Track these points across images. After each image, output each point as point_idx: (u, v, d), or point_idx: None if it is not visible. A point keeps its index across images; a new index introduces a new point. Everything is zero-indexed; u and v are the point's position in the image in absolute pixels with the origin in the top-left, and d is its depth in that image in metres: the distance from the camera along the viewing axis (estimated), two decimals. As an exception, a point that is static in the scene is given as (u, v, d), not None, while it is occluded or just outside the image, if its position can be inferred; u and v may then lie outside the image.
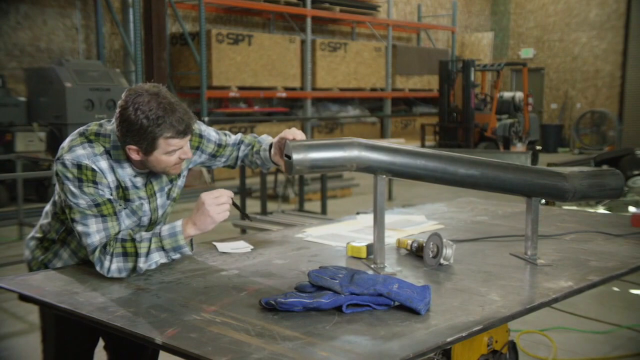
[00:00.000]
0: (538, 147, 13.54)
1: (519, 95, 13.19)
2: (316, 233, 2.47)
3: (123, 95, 1.85)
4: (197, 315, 1.54)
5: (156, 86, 1.88)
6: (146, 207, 2.02)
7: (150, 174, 2.01)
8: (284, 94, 12.72)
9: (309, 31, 13.05)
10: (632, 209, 5.56)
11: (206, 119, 10.88)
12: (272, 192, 8.14)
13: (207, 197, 1.88)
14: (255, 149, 2.31)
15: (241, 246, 2.23)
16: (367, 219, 2.65)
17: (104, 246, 1.85)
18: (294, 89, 13.00)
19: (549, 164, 6.90)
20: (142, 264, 1.85)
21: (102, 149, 1.90)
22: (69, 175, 1.85)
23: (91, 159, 1.87)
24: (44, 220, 2.08)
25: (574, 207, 4.83)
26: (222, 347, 1.35)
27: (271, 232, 2.64)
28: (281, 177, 8.32)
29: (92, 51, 10.93)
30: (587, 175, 2.12)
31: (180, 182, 2.15)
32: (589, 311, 4.13)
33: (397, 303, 1.57)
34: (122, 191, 1.95)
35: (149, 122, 1.80)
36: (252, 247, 2.23)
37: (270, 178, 7.92)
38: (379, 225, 1.92)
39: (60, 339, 2.01)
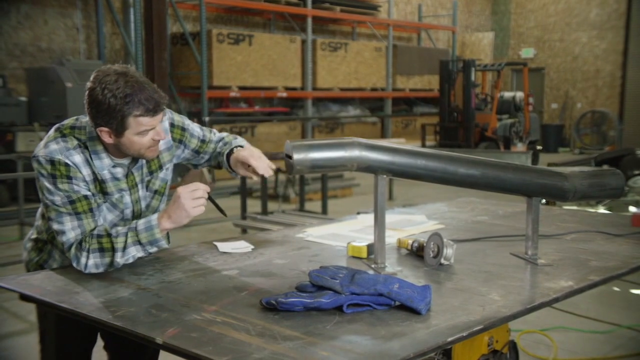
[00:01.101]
0: (538, 147, 13.53)
1: (519, 95, 13.19)
2: (317, 233, 2.47)
3: (91, 77, 1.85)
4: (197, 315, 1.54)
5: (124, 66, 1.87)
6: (127, 198, 2.00)
7: (130, 164, 1.99)
8: (284, 94, 12.72)
9: (310, 31, 13.05)
10: (632, 208, 5.56)
11: (207, 118, 10.89)
12: (272, 192, 8.14)
13: (183, 190, 1.87)
14: (222, 151, 2.24)
15: (242, 246, 2.23)
16: (368, 219, 2.65)
17: (80, 243, 1.86)
18: (294, 88, 13.00)
19: (549, 164, 6.90)
20: (119, 259, 1.86)
21: (75, 142, 1.89)
22: (44, 172, 1.85)
23: (64, 154, 1.86)
24: (37, 222, 2.07)
25: (575, 207, 4.83)
26: (223, 346, 1.35)
27: (272, 231, 2.64)
28: (282, 177, 8.33)
29: (93, 51, 10.93)
30: (587, 175, 2.12)
31: (163, 174, 2.10)
32: (590, 311, 4.13)
33: (397, 303, 1.57)
34: (100, 184, 1.93)
35: (117, 100, 1.78)
36: (252, 246, 2.23)
37: (270, 178, 7.92)
38: (379, 225, 1.92)
39: (60, 339, 2.01)
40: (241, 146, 2.20)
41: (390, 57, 14.91)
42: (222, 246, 2.22)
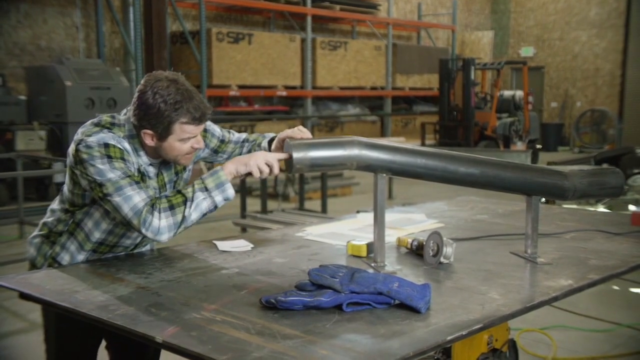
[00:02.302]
0: (538, 146, 13.54)
1: (519, 93, 13.20)
2: (316, 232, 2.47)
3: (142, 81, 1.90)
4: (197, 314, 1.54)
5: (175, 74, 1.92)
6: None
7: (161, 165, 2.04)
8: (284, 93, 12.72)
9: (309, 30, 13.05)
10: (632, 207, 5.56)
11: (206, 117, 10.88)
12: (272, 191, 8.14)
13: (263, 153, 1.95)
14: (258, 142, 2.32)
15: (241, 245, 2.23)
16: (368, 218, 2.65)
17: (150, 205, 1.85)
18: (294, 87, 13.00)
19: (549, 163, 6.90)
20: (190, 210, 1.87)
21: (121, 134, 1.93)
22: (96, 154, 1.85)
23: (116, 139, 1.90)
24: (49, 218, 2.08)
25: (574, 206, 4.83)
26: (223, 345, 1.35)
27: (271, 230, 2.64)
28: (281, 175, 8.33)
29: (92, 50, 10.93)
30: (587, 174, 2.12)
31: (186, 175, 2.18)
32: (589, 310, 4.13)
33: (397, 301, 1.57)
34: (142, 177, 1.97)
35: (167, 106, 1.84)
36: (252, 245, 2.23)
37: (270, 177, 7.92)
38: (379, 224, 1.92)
39: (62, 337, 2.01)
40: (274, 137, 2.25)
41: (389, 55, 14.91)
42: (222, 245, 2.22)
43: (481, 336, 1.94)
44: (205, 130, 2.22)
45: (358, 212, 3.37)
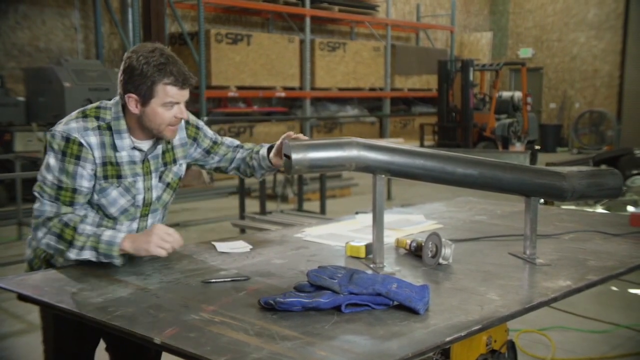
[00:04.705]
0: (537, 147, 13.54)
1: (517, 95, 13.20)
2: (315, 233, 2.47)
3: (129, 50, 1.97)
4: (196, 315, 1.54)
5: (160, 45, 1.98)
6: (140, 184, 2.04)
7: (149, 151, 2.05)
8: (283, 94, 12.72)
9: (308, 31, 13.05)
10: (630, 208, 5.56)
11: (205, 118, 10.87)
12: (271, 192, 8.14)
13: (160, 228, 1.93)
14: (255, 150, 2.34)
15: (240, 246, 2.23)
16: (366, 219, 2.65)
17: (48, 219, 1.92)
18: (292, 88, 13.00)
19: (547, 164, 6.90)
20: (72, 255, 1.91)
21: (95, 124, 1.96)
22: (55, 147, 1.93)
23: (81, 133, 1.93)
24: None
25: (573, 207, 4.83)
26: (221, 346, 1.35)
27: (270, 231, 2.64)
28: (280, 176, 8.33)
29: (91, 51, 10.92)
30: (585, 175, 2.12)
31: (176, 169, 2.16)
32: (588, 310, 4.13)
33: (396, 303, 1.57)
34: (114, 167, 1.98)
35: (150, 67, 1.89)
36: (251, 246, 2.23)
37: (269, 178, 7.92)
38: (377, 225, 1.92)
39: (60, 339, 2.01)
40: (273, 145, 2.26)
41: (388, 57, 14.91)
42: (221, 246, 2.22)
43: (480, 337, 1.94)
44: (197, 128, 2.23)
45: (357, 213, 3.37)
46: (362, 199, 9.05)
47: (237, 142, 2.38)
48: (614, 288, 4.71)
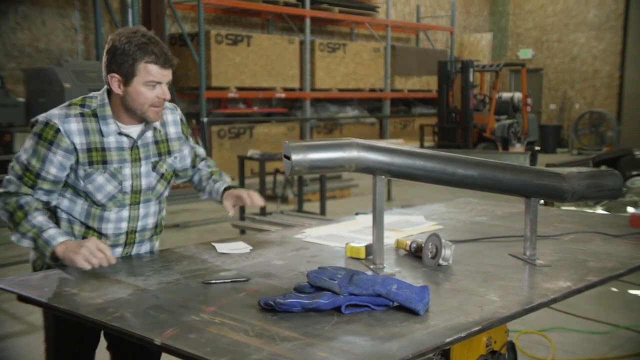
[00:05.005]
0: (537, 148, 13.54)
1: (517, 95, 13.20)
2: (315, 234, 2.47)
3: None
4: (196, 316, 1.54)
5: (143, 27, 2.03)
6: (127, 171, 2.05)
7: (138, 137, 2.06)
8: (283, 95, 12.71)
9: (308, 32, 13.04)
10: (630, 209, 5.57)
11: (205, 119, 10.87)
12: (271, 193, 8.14)
13: (94, 242, 1.94)
14: (214, 177, 2.36)
15: (240, 247, 2.23)
16: (366, 220, 2.65)
17: (9, 193, 1.98)
18: (293, 89, 12.99)
19: (547, 165, 6.90)
20: (14, 238, 1.97)
21: (78, 111, 2.00)
22: (35, 130, 1.98)
23: (61, 119, 1.97)
24: None
25: (573, 208, 4.83)
26: (221, 347, 1.35)
27: (270, 232, 2.64)
28: (280, 177, 8.33)
29: (91, 52, 10.92)
30: (585, 176, 2.12)
31: (171, 160, 2.18)
32: (588, 312, 4.13)
33: (396, 304, 1.57)
34: (99, 153, 2.00)
35: (132, 46, 1.93)
36: (251, 247, 2.23)
37: (269, 179, 7.92)
38: (378, 226, 1.92)
39: (60, 339, 2.01)
40: (234, 186, 2.32)
41: (388, 58, 14.91)
42: (221, 247, 2.22)
43: (480, 338, 1.94)
44: (188, 129, 2.27)
45: (357, 214, 3.37)
46: (362, 199, 9.05)
47: (204, 154, 2.41)
48: (614, 289, 4.71)
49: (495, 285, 1.81)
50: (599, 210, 5.38)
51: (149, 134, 2.10)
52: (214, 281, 1.82)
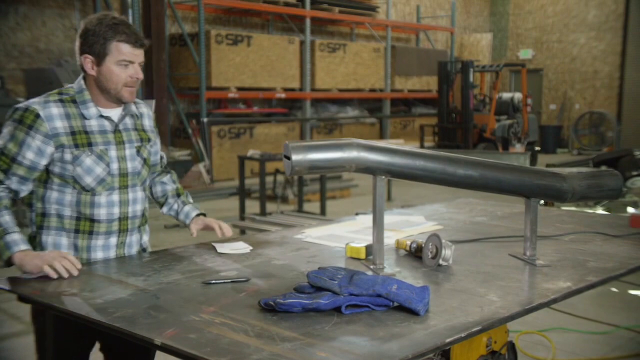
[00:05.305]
0: (537, 148, 13.54)
1: (517, 96, 13.21)
2: (315, 234, 2.47)
3: None
4: (196, 316, 1.54)
5: (112, 12, 2.08)
6: (113, 153, 2.07)
7: (118, 122, 2.08)
8: (283, 95, 12.72)
9: (308, 32, 13.05)
10: (630, 209, 5.57)
11: (205, 119, 10.88)
12: (271, 193, 8.14)
13: (57, 252, 1.93)
14: (182, 198, 2.38)
15: (240, 247, 2.23)
16: (366, 220, 2.65)
17: None
18: (293, 89, 13.00)
19: (547, 165, 6.91)
20: None
21: (57, 97, 2.03)
22: (15, 116, 1.99)
23: (41, 105, 1.99)
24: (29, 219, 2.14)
25: (573, 208, 4.84)
26: (221, 347, 1.35)
27: (270, 232, 2.64)
28: (280, 178, 8.32)
29: (91, 52, 10.91)
30: (585, 176, 2.12)
31: (150, 146, 2.21)
32: (588, 312, 4.13)
33: (396, 304, 1.57)
34: (84, 136, 2.02)
35: (102, 26, 1.99)
36: (251, 247, 2.23)
37: (269, 179, 7.92)
38: (378, 226, 1.92)
39: (58, 340, 2.01)
40: (204, 214, 2.36)
41: (388, 58, 14.92)
42: (221, 247, 2.22)
43: (480, 338, 1.94)
44: (158, 131, 2.28)
45: (357, 214, 3.37)
46: (362, 200, 9.05)
47: (165, 160, 2.41)
48: (614, 289, 4.71)
49: (496, 286, 1.81)
50: (599, 211, 5.38)
51: (129, 120, 2.14)
52: (214, 281, 1.82)
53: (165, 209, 2.38)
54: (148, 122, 2.23)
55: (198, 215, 2.34)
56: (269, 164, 7.23)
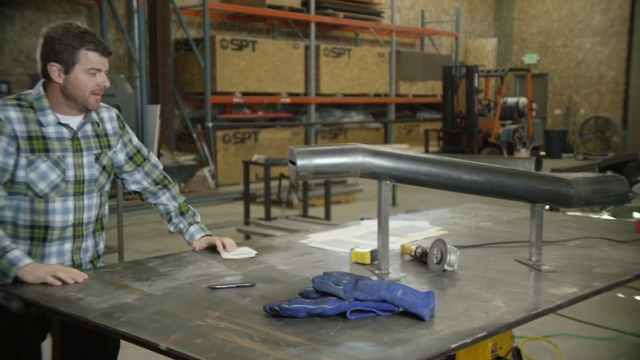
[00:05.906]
0: (542, 153, 13.51)
1: (522, 100, 13.19)
2: (320, 239, 2.47)
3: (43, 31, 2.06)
4: (201, 321, 1.54)
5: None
6: (70, 160, 2.05)
7: (77, 129, 2.07)
8: (287, 100, 12.74)
9: (313, 37, 13.08)
10: (636, 215, 5.54)
11: (210, 124, 10.90)
12: (275, 198, 8.14)
13: (61, 267, 1.92)
14: (188, 217, 2.36)
15: (245, 252, 2.23)
16: (371, 225, 2.65)
17: None
18: (297, 94, 13.02)
19: (552, 170, 6.88)
20: None
21: (15, 102, 2.02)
22: None
23: (1, 109, 1.99)
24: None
25: (578, 213, 4.82)
26: (226, 352, 1.35)
27: (275, 237, 2.64)
28: (285, 182, 8.33)
29: (96, 57, 10.95)
30: (591, 181, 2.12)
31: (111, 154, 2.19)
32: (594, 318, 4.12)
33: (401, 309, 1.57)
34: (41, 141, 2.01)
35: (69, 35, 1.99)
36: (256, 252, 2.23)
37: (274, 184, 7.93)
38: (383, 231, 1.92)
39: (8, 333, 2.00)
40: (209, 234, 2.33)
41: (393, 63, 14.93)
42: (226, 252, 2.22)
43: (485, 344, 1.94)
44: (124, 127, 2.27)
45: (362, 219, 3.37)
46: (367, 205, 9.04)
47: (160, 165, 2.37)
48: (620, 295, 4.69)
49: (501, 291, 1.80)
50: (605, 216, 5.36)
51: (89, 127, 2.12)
52: (219, 286, 1.83)
53: (171, 228, 2.37)
54: (110, 126, 2.21)
55: (203, 236, 2.33)
56: (274, 168, 7.24)
